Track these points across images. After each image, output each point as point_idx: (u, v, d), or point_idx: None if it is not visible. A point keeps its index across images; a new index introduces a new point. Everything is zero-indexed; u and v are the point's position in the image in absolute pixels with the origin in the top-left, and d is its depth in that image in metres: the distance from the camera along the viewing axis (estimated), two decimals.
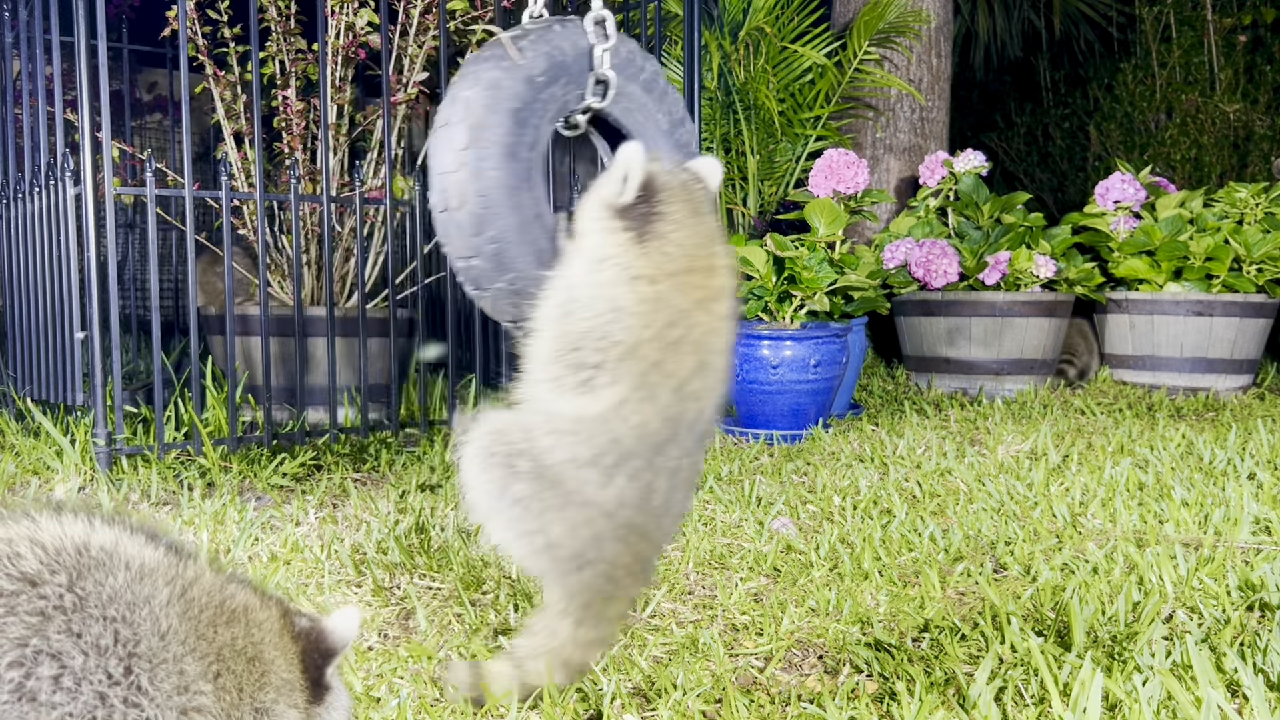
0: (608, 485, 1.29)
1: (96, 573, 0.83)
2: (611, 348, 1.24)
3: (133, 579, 0.85)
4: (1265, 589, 1.78)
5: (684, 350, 1.26)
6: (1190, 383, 4.76)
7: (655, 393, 1.26)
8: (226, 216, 3.16)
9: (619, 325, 1.24)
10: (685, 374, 1.28)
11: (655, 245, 1.25)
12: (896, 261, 4.79)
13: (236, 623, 0.91)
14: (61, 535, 0.85)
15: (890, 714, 1.40)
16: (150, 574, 0.86)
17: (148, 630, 0.83)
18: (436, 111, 1.43)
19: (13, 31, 3.74)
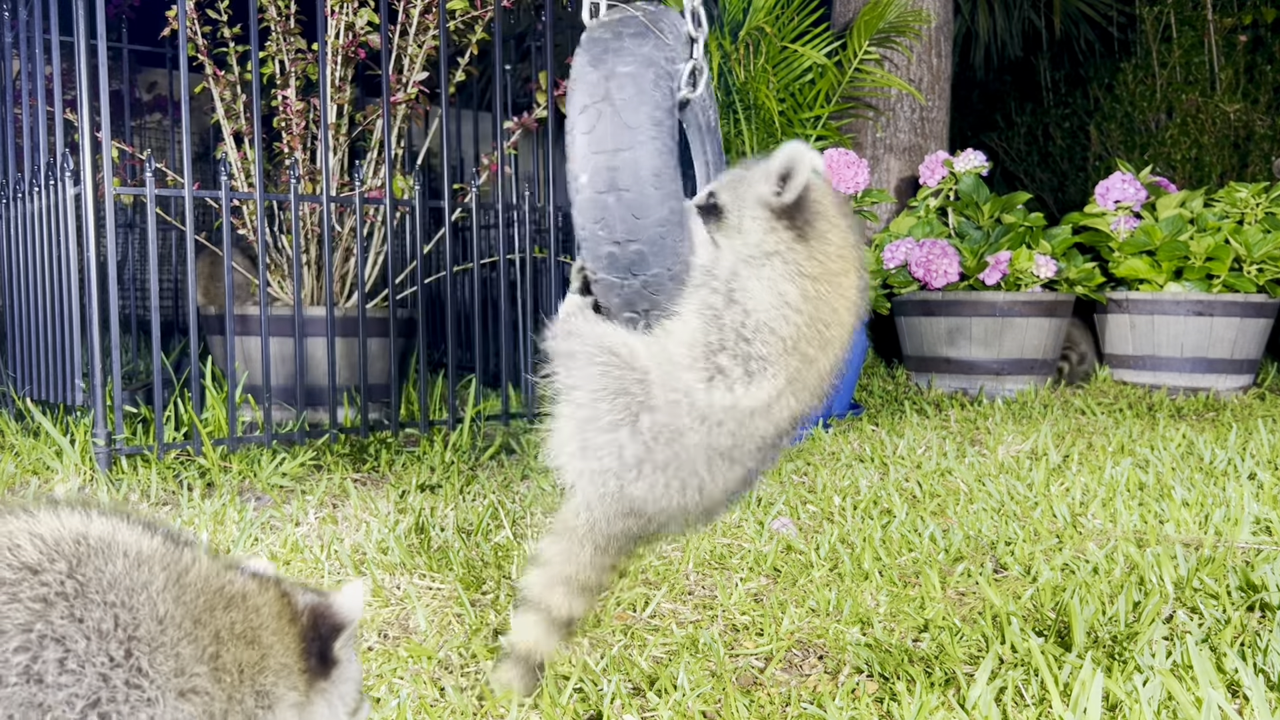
0: (729, 472, 1.31)
1: (95, 560, 0.85)
2: (778, 342, 1.26)
3: (130, 565, 0.87)
4: (1266, 589, 1.77)
5: (831, 349, 1.29)
6: (1191, 383, 4.76)
7: (803, 389, 1.29)
8: (226, 216, 3.16)
9: (786, 321, 1.25)
10: (826, 371, 1.31)
11: (818, 245, 1.27)
12: (897, 261, 4.79)
13: (234, 607, 0.92)
14: (59, 526, 0.87)
15: (890, 714, 1.40)
16: (147, 561, 0.88)
17: (146, 615, 0.85)
18: (570, 89, 1.35)
19: (13, 31, 3.74)
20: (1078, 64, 8.95)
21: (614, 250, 1.30)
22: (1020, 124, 9.01)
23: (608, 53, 1.33)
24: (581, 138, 1.30)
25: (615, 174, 1.28)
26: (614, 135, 1.29)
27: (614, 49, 1.33)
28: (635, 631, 1.72)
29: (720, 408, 1.27)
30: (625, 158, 1.28)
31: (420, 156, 4.12)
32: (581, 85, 1.32)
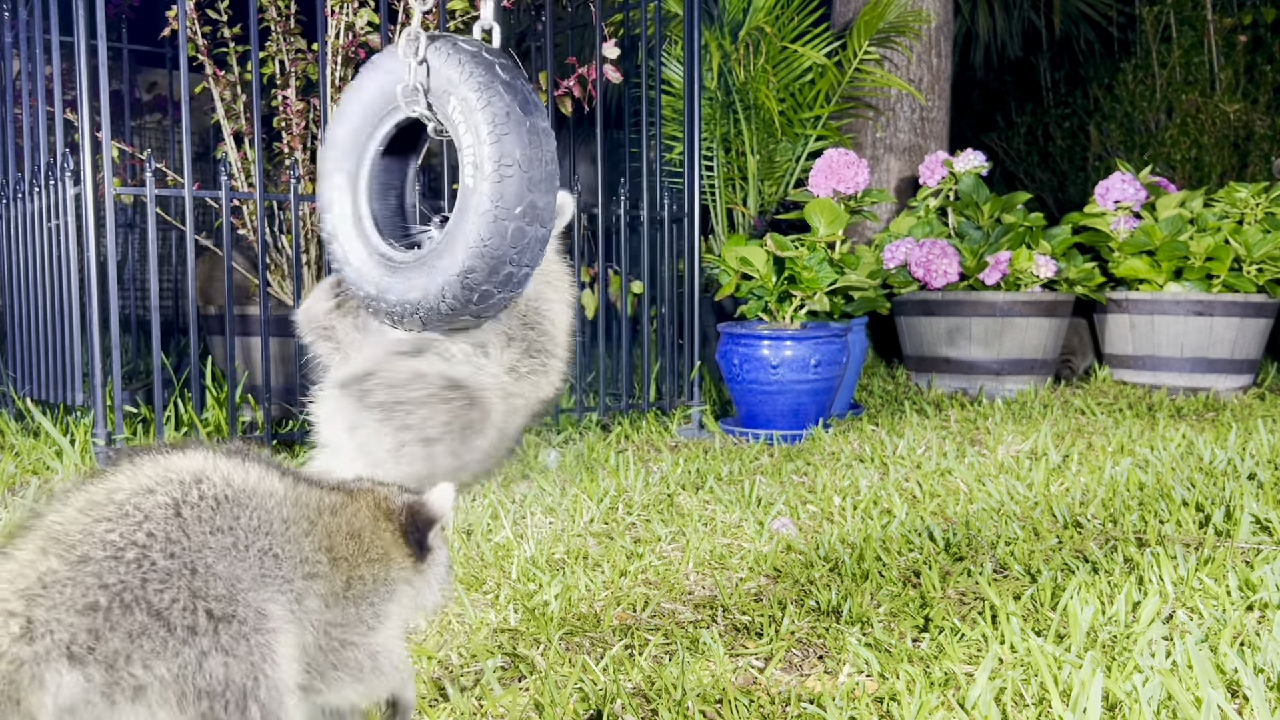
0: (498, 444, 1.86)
1: (235, 475, 1.10)
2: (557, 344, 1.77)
3: (257, 479, 1.12)
4: (1265, 589, 1.77)
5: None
6: (1190, 383, 4.76)
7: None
8: (226, 216, 3.16)
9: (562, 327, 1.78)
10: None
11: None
12: (897, 261, 4.79)
13: (338, 513, 1.17)
14: (197, 462, 1.10)
15: (890, 714, 1.40)
16: (268, 477, 1.13)
17: (276, 517, 1.10)
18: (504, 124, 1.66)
19: (12, 31, 3.74)
20: (1078, 64, 8.95)
21: (512, 271, 1.61)
22: (1020, 124, 9.01)
23: (529, 104, 1.59)
24: (522, 176, 1.56)
25: (540, 212, 1.57)
26: (546, 181, 1.56)
27: (533, 102, 1.60)
28: (635, 631, 1.72)
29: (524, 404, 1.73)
30: (546, 201, 1.57)
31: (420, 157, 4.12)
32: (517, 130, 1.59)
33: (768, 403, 3.67)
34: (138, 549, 0.99)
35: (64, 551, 0.98)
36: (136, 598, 0.97)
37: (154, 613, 0.97)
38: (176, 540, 1.01)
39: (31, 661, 0.93)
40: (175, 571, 1.00)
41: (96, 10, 2.88)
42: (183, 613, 0.98)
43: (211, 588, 1.01)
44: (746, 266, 3.82)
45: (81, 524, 1.00)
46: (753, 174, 5.36)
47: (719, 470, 2.99)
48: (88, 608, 0.95)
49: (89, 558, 0.98)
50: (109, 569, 0.98)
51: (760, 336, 3.66)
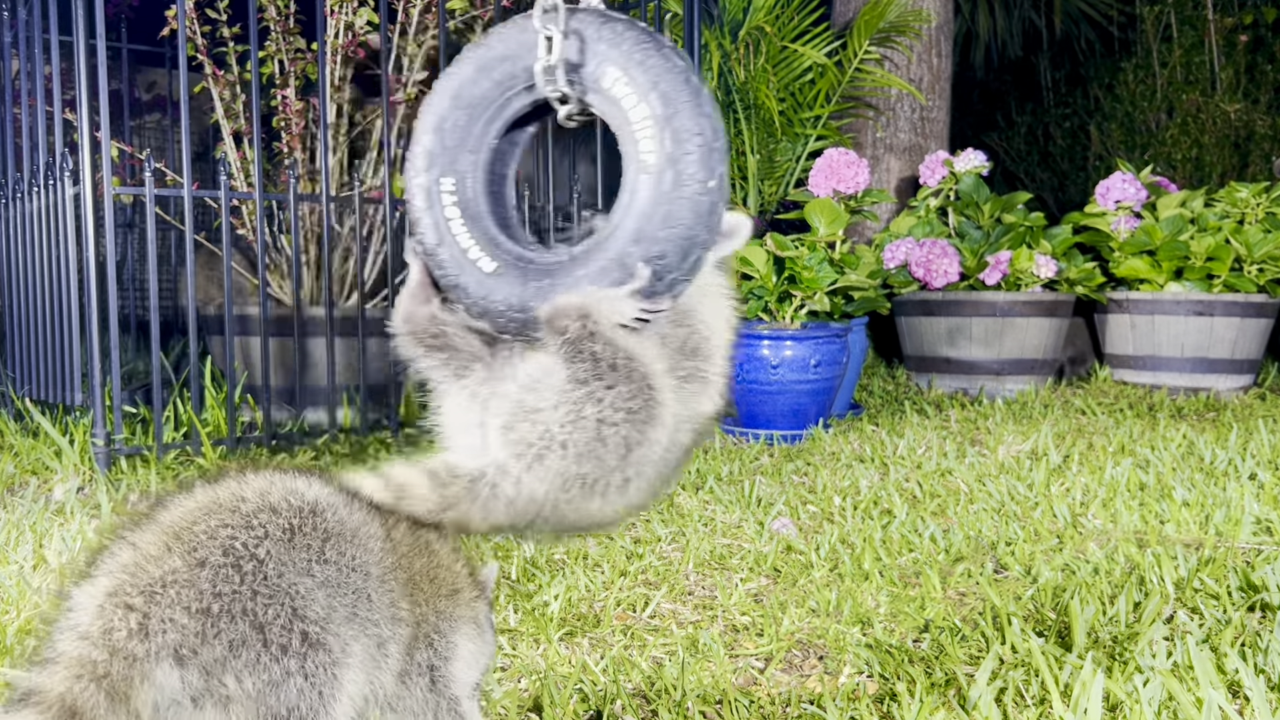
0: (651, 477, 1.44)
1: (345, 513, 1.11)
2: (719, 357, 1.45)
3: (362, 521, 1.12)
4: (1266, 590, 1.77)
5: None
6: (1191, 383, 4.75)
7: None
8: (225, 216, 3.16)
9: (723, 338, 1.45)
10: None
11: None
12: (897, 261, 4.79)
13: (422, 553, 1.18)
14: (319, 492, 1.11)
15: (891, 715, 1.40)
16: (372, 522, 1.13)
17: (374, 561, 1.10)
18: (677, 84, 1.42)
19: (12, 31, 3.74)
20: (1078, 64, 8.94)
21: (700, 254, 1.40)
22: (1020, 124, 9.01)
23: (695, 71, 1.40)
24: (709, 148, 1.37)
25: (725, 186, 1.38)
26: (725, 152, 1.38)
27: (695, 70, 1.42)
28: (635, 631, 1.72)
29: (687, 416, 1.41)
30: (725, 172, 1.39)
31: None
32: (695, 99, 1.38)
33: (768, 403, 3.67)
34: (255, 563, 1.00)
35: (186, 552, 0.99)
36: (245, 608, 0.97)
37: (257, 625, 0.98)
38: (287, 562, 1.02)
39: (144, 659, 0.93)
40: (283, 590, 1.00)
41: (96, 10, 2.88)
42: (282, 630, 0.99)
43: (310, 611, 1.01)
44: (746, 266, 3.82)
45: (205, 526, 1.01)
46: (753, 174, 5.36)
47: (719, 470, 2.98)
48: (200, 611, 0.96)
49: (207, 562, 0.99)
50: (225, 577, 0.98)
51: (760, 336, 3.65)
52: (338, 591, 1.05)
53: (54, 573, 1.97)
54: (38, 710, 0.90)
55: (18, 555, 2.07)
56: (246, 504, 1.05)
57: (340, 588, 1.05)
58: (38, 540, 2.19)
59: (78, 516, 2.38)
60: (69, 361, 3.13)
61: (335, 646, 1.02)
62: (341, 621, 1.04)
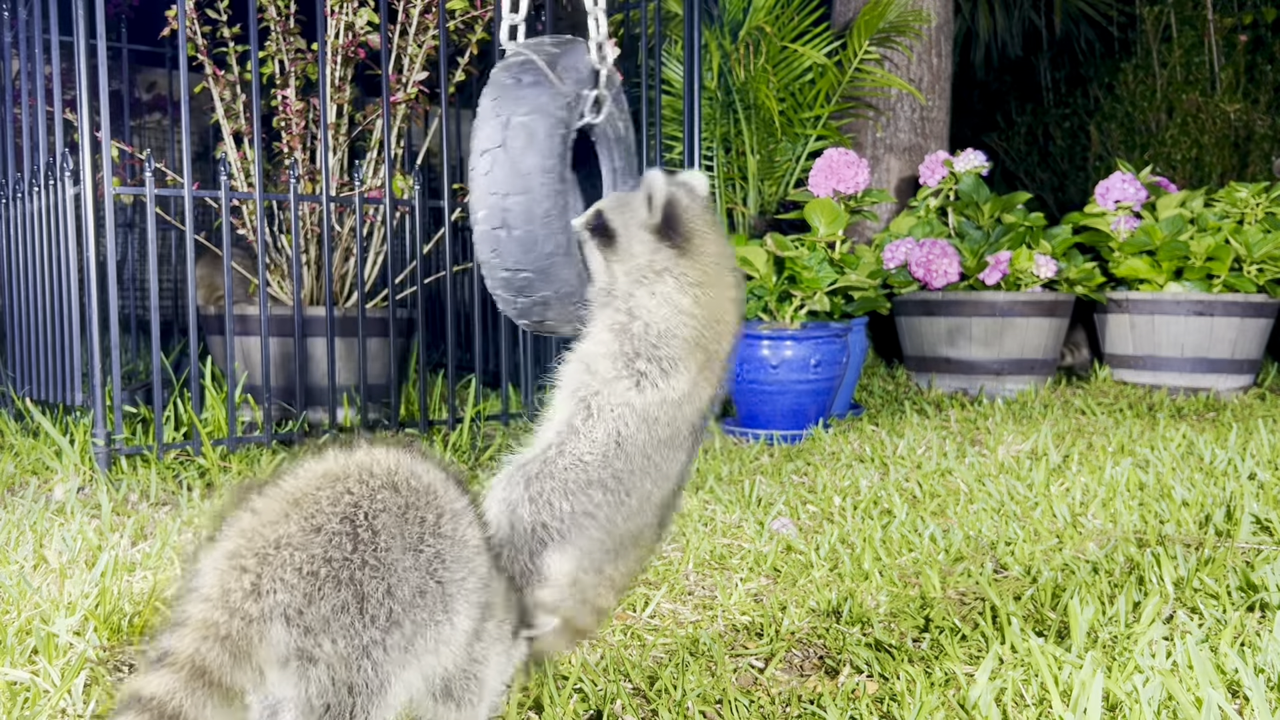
0: (673, 460, 1.50)
1: (450, 500, 1.14)
2: (681, 343, 1.46)
3: (461, 510, 1.15)
4: (1265, 589, 1.77)
5: (725, 339, 1.51)
6: (1191, 383, 4.75)
7: (712, 375, 1.50)
8: (226, 216, 3.16)
9: (685, 325, 1.47)
10: (725, 357, 1.52)
11: (698, 257, 1.48)
12: (897, 261, 4.79)
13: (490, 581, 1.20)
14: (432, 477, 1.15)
15: (891, 715, 1.40)
16: (467, 515, 1.16)
17: (461, 559, 1.13)
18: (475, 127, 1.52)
19: (12, 31, 3.74)
20: (1078, 64, 8.94)
21: (506, 275, 1.51)
22: (1020, 124, 9.01)
23: (507, 99, 1.52)
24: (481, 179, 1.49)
25: (507, 214, 1.47)
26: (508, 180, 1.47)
27: (513, 96, 1.50)
28: (635, 631, 1.72)
29: (654, 404, 1.46)
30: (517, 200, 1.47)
31: (420, 156, 4.12)
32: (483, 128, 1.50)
33: (768, 403, 3.67)
34: (371, 533, 1.04)
35: (303, 520, 1.03)
36: (352, 576, 1.01)
37: (359, 595, 1.01)
38: (394, 539, 1.06)
39: (258, 619, 0.98)
40: (386, 565, 1.04)
41: (96, 10, 2.88)
42: (378, 602, 1.02)
43: (400, 591, 1.05)
44: (746, 266, 3.82)
45: (327, 494, 1.06)
46: (753, 174, 5.36)
47: (719, 470, 2.99)
48: (310, 574, 1.00)
49: (323, 528, 1.03)
50: (337, 544, 1.02)
51: (760, 336, 3.65)
52: (422, 579, 1.08)
53: (54, 573, 1.97)
54: (171, 670, 0.95)
55: (18, 555, 2.07)
56: (370, 476, 1.09)
57: (425, 576, 1.08)
58: (38, 540, 2.19)
59: (78, 516, 2.38)
60: (69, 361, 3.13)
61: (410, 631, 1.06)
62: (418, 608, 1.07)
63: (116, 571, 1.91)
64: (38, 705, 1.42)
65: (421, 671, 1.10)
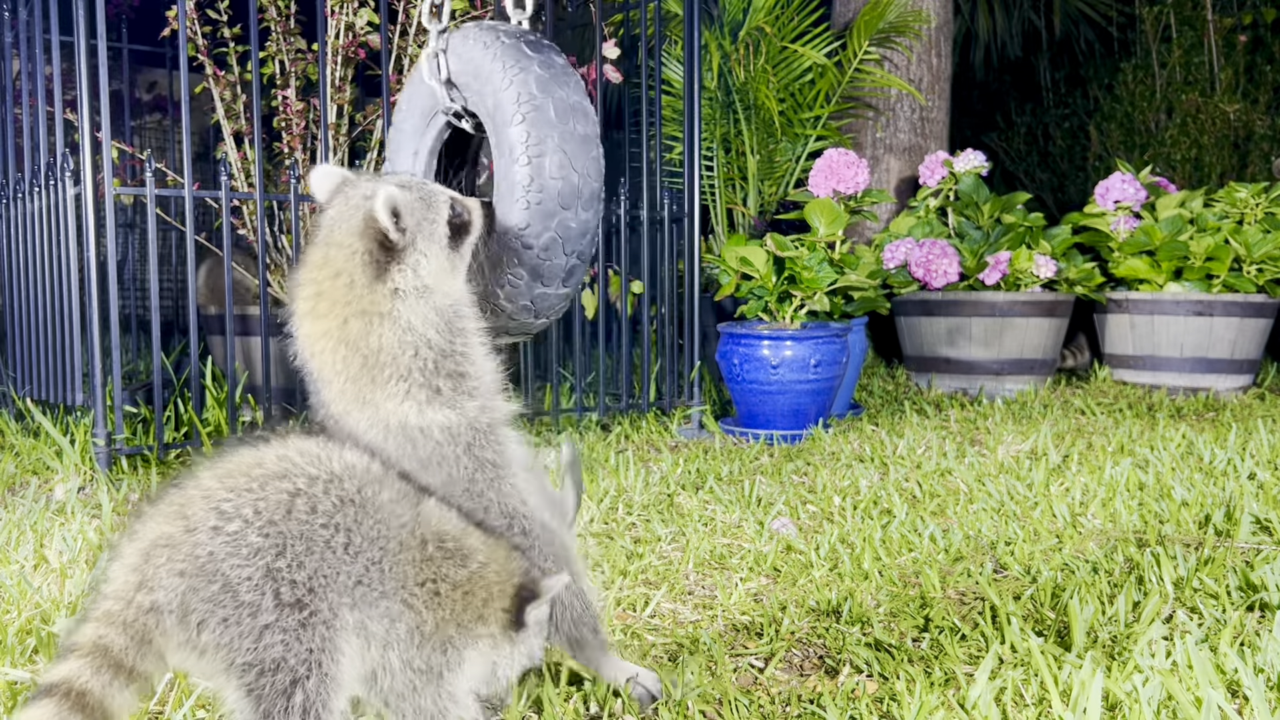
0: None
1: (372, 486, 1.17)
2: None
3: (395, 498, 1.18)
4: (1265, 589, 1.77)
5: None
6: (1190, 383, 4.76)
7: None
8: (226, 216, 3.16)
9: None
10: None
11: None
12: (896, 261, 4.79)
13: (459, 562, 1.21)
14: (353, 458, 1.19)
15: (890, 714, 1.40)
16: (404, 498, 1.19)
17: (394, 539, 1.16)
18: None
19: (12, 31, 3.74)
20: (1078, 64, 8.95)
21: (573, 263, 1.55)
22: (1020, 124, 9.01)
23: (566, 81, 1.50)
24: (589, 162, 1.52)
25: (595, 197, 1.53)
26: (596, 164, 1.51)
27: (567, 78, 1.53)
28: (635, 631, 1.72)
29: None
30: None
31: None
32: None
33: (768, 403, 3.67)
34: (242, 522, 1.09)
35: (179, 521, 1.11)
36: (218, 570, 1.07)
37: (228, 586, 1.07)
38: (276, 524, 1.10)
39: (150, 609, 1.07)
40: (261, 551, 1.08)
41: (96, 10, 2.88)
42: (253, 590, 1.07)
43: (295, 575, 1.09)
44: (746, 266, 3.82)
45: (203, 494, 1.12)
46: (753, 174, 5.36)
47: (719, 470, 2.99)
48: (179, 573, 1.08)
49: (197, 528, 1.10)
50: (202, 542, 1.08)
51: (760, 336, 3.66)
52: (342, 559, 1.11)
53: (54, 572, 1.97)
54: (77, 656, 1.05)
55: (18, 555, 2.07)
56: (260, 469, 1.14)
57: (348, 555, 1.12)
58: (38, 540, 2.19)
59: (78, 516, 2.38)
60: (70, 361, 3.13)
61: (322, 610, 1.09)
62: (341, 589, 1.11)
63: None
64: None
65: (373, 653, 1.14)
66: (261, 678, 1.06)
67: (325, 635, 1.08)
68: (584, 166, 1.51)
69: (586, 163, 1.52)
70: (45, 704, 1.02)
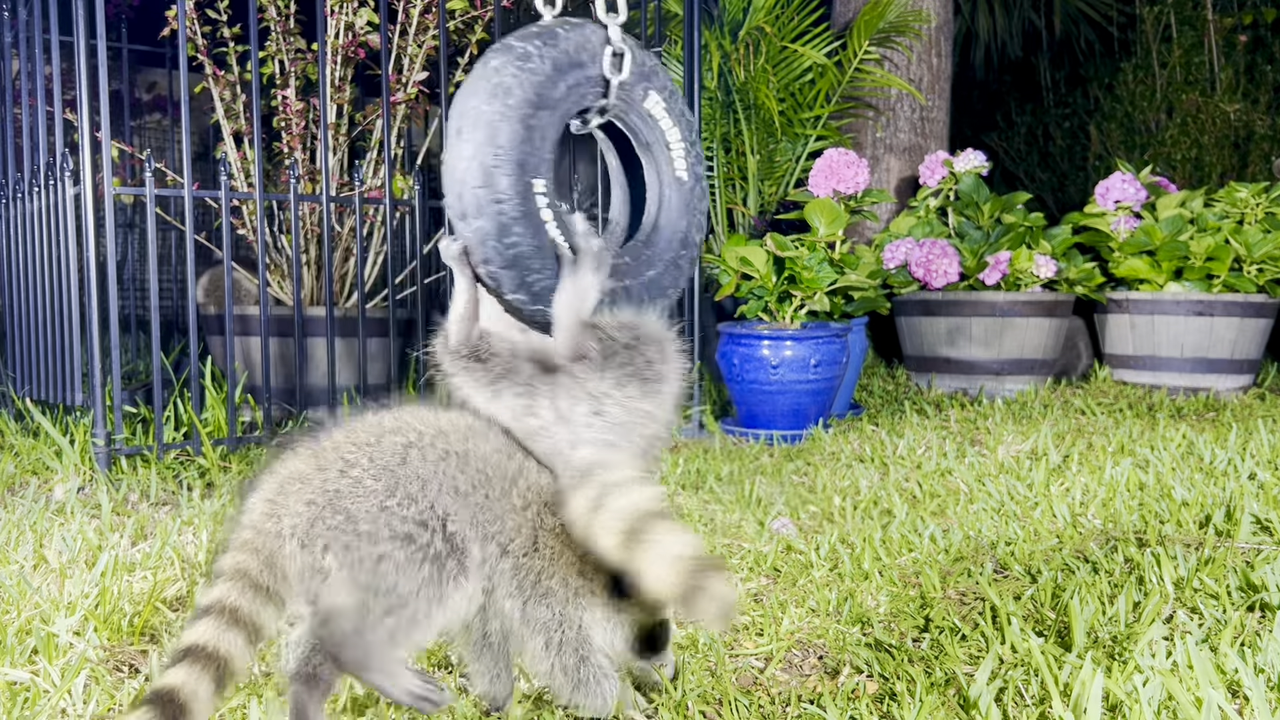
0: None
1: (475, 438, 1.31)
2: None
3: (498, 448, 1.32)
4: (1265, 589, 1.77)
5: None
6: (1191, 383, 4.75)
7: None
8: (226, 216, 3.16)
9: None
10: None
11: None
12: (897, 261, 4.79)
13: (554, 513, 1.31)
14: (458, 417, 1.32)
15: (891, 715, 1.40)
16: (506, 450, 1.32)
17: (496, 485, 1.29)
18: (450, 116, 1.44)
19: (12, 31, 3.74)
20: (1078, 64, 8.95)
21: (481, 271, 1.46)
22: (1020, 124, 9.01)
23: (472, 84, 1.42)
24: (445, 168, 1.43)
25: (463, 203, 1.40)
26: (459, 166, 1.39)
27: (473, 79, 1.43)
28: None
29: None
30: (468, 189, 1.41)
31: (420, 156, 4.12)
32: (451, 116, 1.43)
33: (768, 403, 3.67)
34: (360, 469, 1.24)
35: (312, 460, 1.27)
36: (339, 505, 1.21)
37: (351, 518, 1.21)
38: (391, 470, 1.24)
39: (276, 535, 1.20)
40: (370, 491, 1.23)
41: (96, 10, 2.88)
42: (367, 518, 1.20)
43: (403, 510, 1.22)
44: (746, 266, 3.82)
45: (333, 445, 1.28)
46: (753, 174, 5.36)
47: (719, 470, 2.99)
48: (309, 503, 1.22)
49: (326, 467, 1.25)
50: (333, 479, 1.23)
51: (760, 336, 3.66)
52: (458, 498, 1.25)
53: (54, 572, 1.97)
54: (224, 580, 1.19)
55: (18, 555, 2.07)
56: (380, 427, 1.28)
57: (468, 495, 1.26)
58: (38, 540, 2.19)
59: (78, 516, 2.38)
60: (69, 361, 3.13)
61: (436, 542, 1.22)
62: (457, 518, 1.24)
63: (116, 571, 1.91)
64: (38, 705, 1.42)
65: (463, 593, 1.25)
66: (373, 599, 1.19)
67: (432, 571, 1.21)
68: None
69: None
70: (206, 621, 1.15)
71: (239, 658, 1.15)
